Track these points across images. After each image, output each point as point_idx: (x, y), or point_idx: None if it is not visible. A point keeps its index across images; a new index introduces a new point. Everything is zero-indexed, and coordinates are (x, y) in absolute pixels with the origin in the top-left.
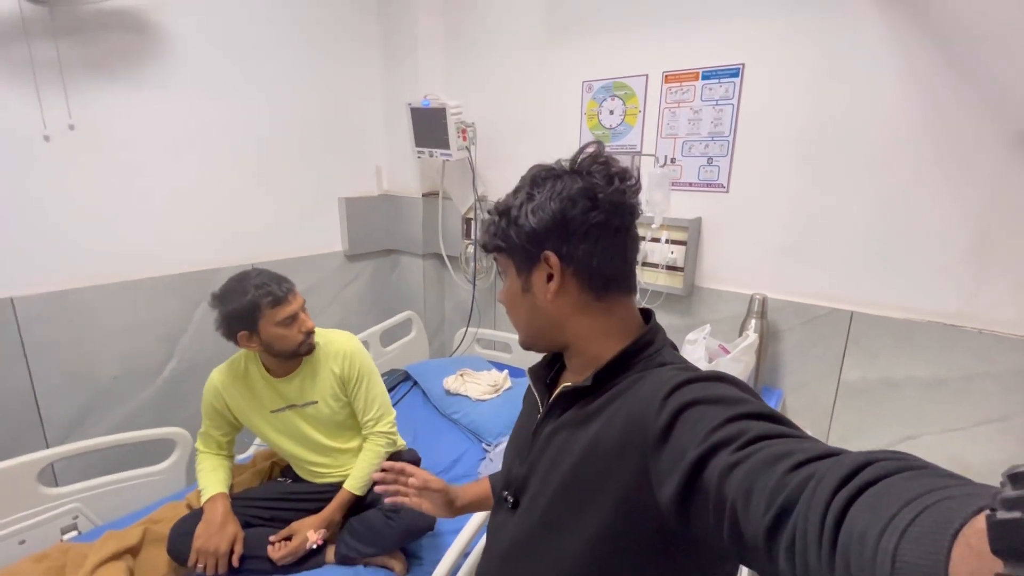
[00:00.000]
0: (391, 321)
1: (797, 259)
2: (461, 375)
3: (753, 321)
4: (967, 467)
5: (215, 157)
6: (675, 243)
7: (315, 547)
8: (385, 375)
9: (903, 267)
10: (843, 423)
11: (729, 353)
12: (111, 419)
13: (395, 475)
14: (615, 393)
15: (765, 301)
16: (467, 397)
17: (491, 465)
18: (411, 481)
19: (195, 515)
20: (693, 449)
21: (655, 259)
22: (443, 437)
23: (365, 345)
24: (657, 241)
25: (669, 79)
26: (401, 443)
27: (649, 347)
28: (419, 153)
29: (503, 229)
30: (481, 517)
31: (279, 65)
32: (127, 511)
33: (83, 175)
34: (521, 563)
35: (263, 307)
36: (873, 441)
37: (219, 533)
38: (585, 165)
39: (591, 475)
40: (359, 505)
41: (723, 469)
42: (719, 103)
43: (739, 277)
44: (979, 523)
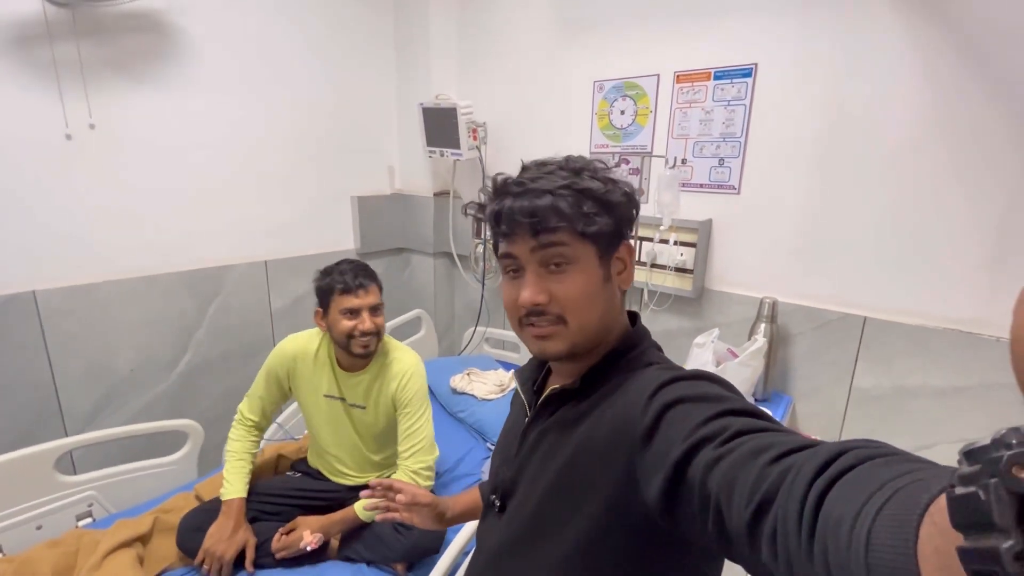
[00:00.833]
0: (401, 319)
1: (808, 262)
2: (468, 374)
3: (763, 325)
4: None
5: (231, 156)
6: (685, 245)
7: (309, 548)
8: None
9: (917, 272)
10: (855, 431)
11: (738, 357)
12: (127, 410)
13: (383, 491)
14: (602, 395)
15: (775, 305)
16: (473, 396)
17: None
18: (399, 498)
19: (204, 509)
20: (678, 446)
21: (664, 261)
22: (448, 435)
23: None
24: (666, 243)
25: (681, 79)
26: (425, 485)
27: (635, 349)
28: (430, 153)
29: (595, 209)
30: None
31: (294, 65)
32: (139, 500)
33: (103, 173)
34: (509, 565)
35: (335, 292)
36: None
37: (229, 540)
38: (605, 169)
39: (579, 476)
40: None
41: (706, 464)
42: (731, 103)
43: (749, 280)
44: (942, 501)
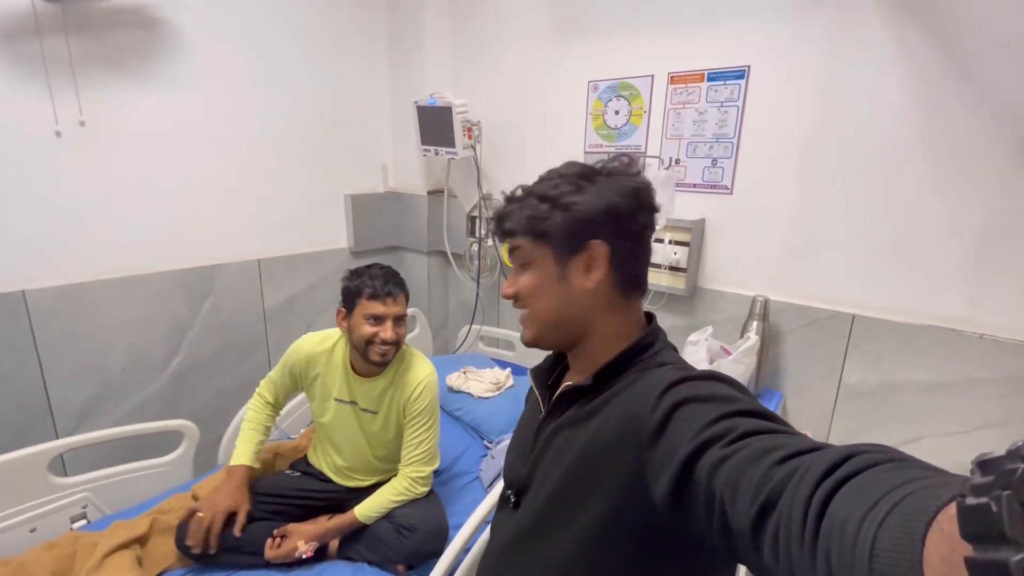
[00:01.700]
0: None
1: (799, 261)
2: (464, 372)
3: (755, 323)
4: (966, 472)
5: (223, 153)
6: (678, 244)
7: (304, 557)
8: None
9: (904, 271)
10: (843, 426)
11: (730, 355)
12: (119, 411)
13: None
14: (614, 392)
15: (767, 303)
16: (469, 394)
17: (492, 463)
18: None
19: None
20: (685, 445)
21: (658, 260)
22: (445, 434)
23: None
24: (660, 242)
25: (675, 80)
26: (421, 492)
27: (649, 348)
28: (425, 151)
29: (544, 213)
30: (481, 514)
31: (287, 63)
32: (136, 501)
33: (93, 170)
34: (519, 558)
35: (362, 295)
36: (877, 440)
37: (218, 503)
38: (620, 170)
39: (588, 472)
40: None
41: (712, 464)
42: (724, 105)
43: (741, 278)
44: (951, 510)
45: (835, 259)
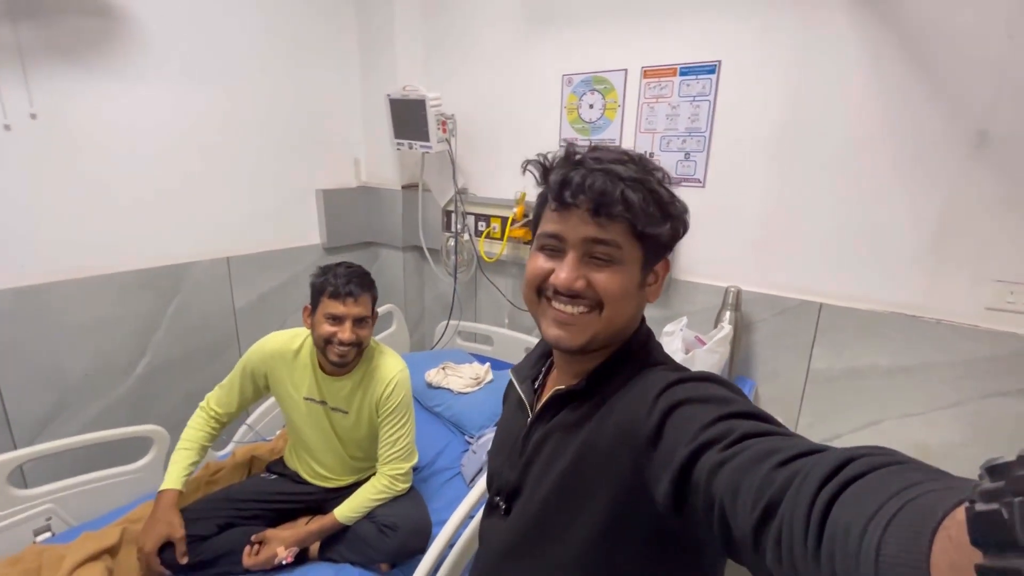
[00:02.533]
0: None
1: (769, 252)
2: (443, 368)
3: (728, 313)
4: (925, 450)
5: (188, 148)
6: None
7: (284, 563)
8: None
9: (868, 260)
10: (811, 411)
11: (705, 344)
12: (82, 418)
13: None
14: (606, 395)
15: (739, 293)
16: (449, 390)
17: (474, 457)
18: None
19: None
20: (683, 448)
21: None
22: (425, 430)
23: None
24: None
25: (648, 74)
26: (402, 488)
27: (640, 350)
28: (398, 145)
29: (658, 217)
30: (465, 509)
31: (254, 54)
32: (103, 511)
33: (48, 166)
34: (516, 566)
35: (324, 294)
36: (839, 426)
37: (147, 533)
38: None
39: (585, 477)
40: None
41: (711, 467)
42: (696, 99)
43: (714, 270)
44: (959, 515)
45: (803, 250)
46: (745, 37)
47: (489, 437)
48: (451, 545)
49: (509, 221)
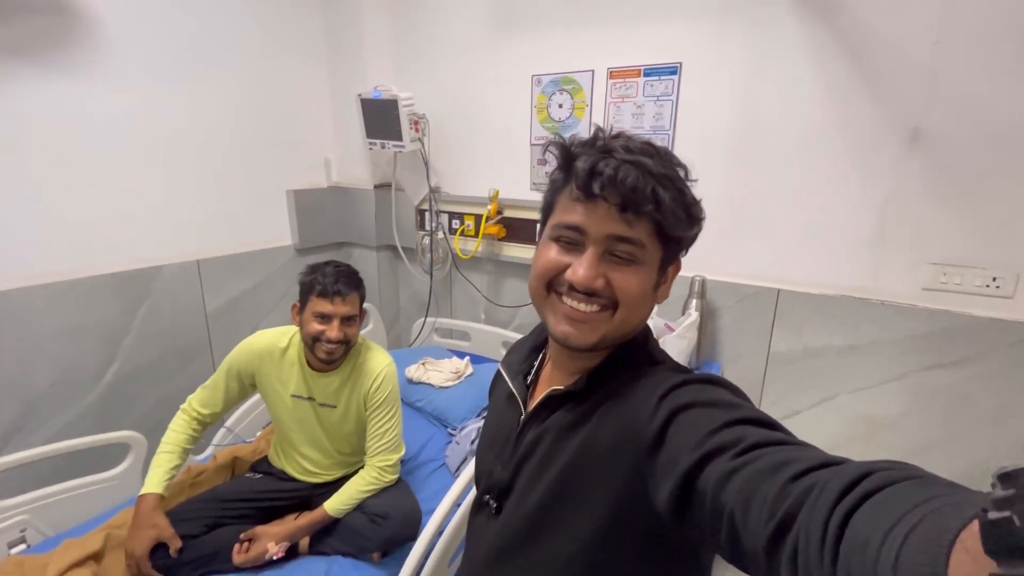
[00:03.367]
0: None
1: (731, 243)
2: (423, 364)
3: (694, 301)
4: (874, 421)
5: (153, 149)
6: None
7: (275, 559)
8: None
9: (820, 248)
10: (773, 390)
11: (674, 331)
12: (50, 428)
13: None
14: (605, 394)
15: (704, 282)
16: (430, 385)
17: (457, 448)
18: None
19: None
20: (688, 453)
21: None
22: (409, 424)
23: None
24: None
25: (614, 75)
26: (391, 479)
27: (639, 348)
28: (371, 144)
29: (683, 218)
30: (452, 496)
31: (218, 54)
32: (80, 520)
33: (8, 168)
34: (508, 567)
35: (313, 292)
36: (799, 403)
37: (135, 536)
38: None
39: (582, 479)
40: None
41: (720, 476)
42: (660, 99)
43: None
44: (975, 526)
45: (762, 240)
46: (703, 41)
47: (472, 428)
48: (440, 532)
49: (484, 218)
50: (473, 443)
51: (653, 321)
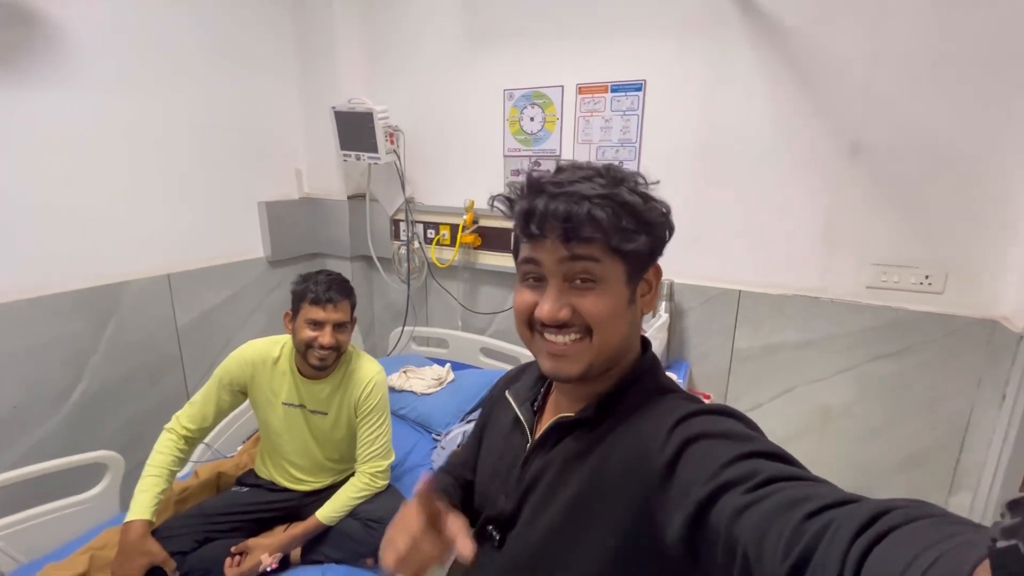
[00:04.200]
0: None
1: (696, 248)
2: (404, 372)
3: (663, 303)
4: (829, 409)
5: (120, 160)
6: None
7: (269, 570)
8: None
9: (775, 251)
10: (737, 385)
11: (646, 332)
12: (14, 453)
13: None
14: (615, 422)
15: (672, 285)
16: (413, 392)
17: (443, 453)
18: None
19: None
20: (701, 485)
21: None
22: (393, 433)
23: None
24: None
25: (583, 90)
26: (381, 485)
27: (646, 375)
28: (345, 156)
29: (632, 228)
30: None
31: (188, 63)
32: (57, 544)
33: None
34: None
35: (306, 299)
36: (761, 396)
37: (126, 565)
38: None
39: (590, 509)
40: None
41: (735, 510)
42: (626, 113)
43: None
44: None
45: (723, 245)
46: (665, 59)
47: (456, 432)
48: None
49: (460, 228)
50: (459, 446)
51: None
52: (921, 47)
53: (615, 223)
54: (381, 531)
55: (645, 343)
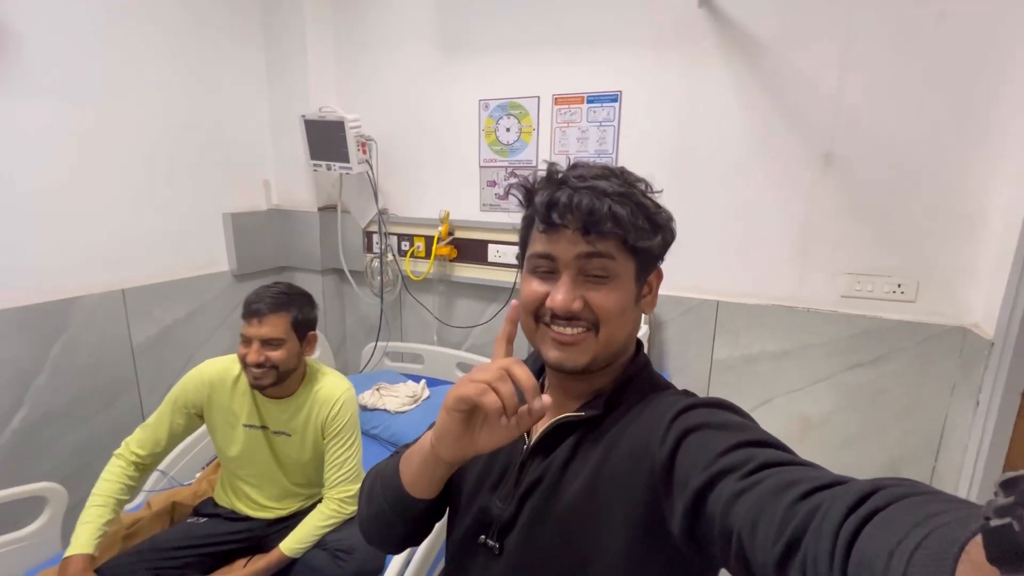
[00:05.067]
0: None
1: (674, 259)
2: (377, 390)
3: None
4: (808, 419)
5: (75, 168)
6: None
7: None
8: None
9: (752, 262)
10: (716, 395)
11: None
12: None
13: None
14: (614, 420)
15: None
16: (386, 411)
17: None
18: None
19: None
20: (698, 475)
21: None
22: (364, 453)
23: None
24: None
25: (559, 101)
26: (351, 511)
27: (642, 373)
28: (315, 166)
29: (647, 229)
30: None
31: (149, 70)
32: None
33: None
34: None
35: (243, 315)
36: (741, 406)
37: None
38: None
39: (597, 507)
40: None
41: (729, 496)
42: (602, 124)
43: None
44: (980, 537)
45: (701, 256)
46: (641, 71)
47: None
48: (408, 562)
49: (435, 239)
50: None
51: None
52: (889, 62)
53: (633, 221)
54: (351, 562)
55: (638, 344)
